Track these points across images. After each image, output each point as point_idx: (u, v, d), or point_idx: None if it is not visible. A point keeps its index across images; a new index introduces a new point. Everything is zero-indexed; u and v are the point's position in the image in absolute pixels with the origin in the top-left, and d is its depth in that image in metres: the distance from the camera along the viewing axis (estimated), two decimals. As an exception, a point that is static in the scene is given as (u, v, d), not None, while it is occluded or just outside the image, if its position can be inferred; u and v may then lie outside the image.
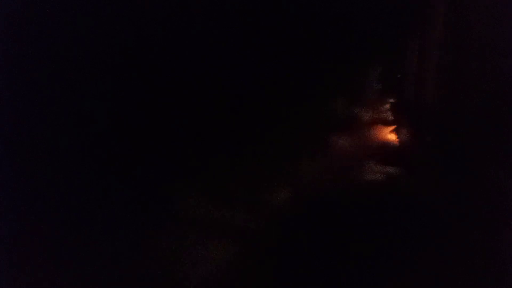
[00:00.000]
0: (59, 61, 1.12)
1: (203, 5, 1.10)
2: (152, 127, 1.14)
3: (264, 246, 1.17)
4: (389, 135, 1.18)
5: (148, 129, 1.14)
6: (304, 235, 1.16)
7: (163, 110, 1.14)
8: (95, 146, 1.15)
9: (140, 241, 1.16)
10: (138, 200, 1.16)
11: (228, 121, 1.14)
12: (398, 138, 1.18)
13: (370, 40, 1.14)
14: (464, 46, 1.11)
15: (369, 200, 1.16)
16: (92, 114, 1.14)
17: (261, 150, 1.16)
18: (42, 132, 1.13)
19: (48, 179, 1.14)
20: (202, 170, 1.16)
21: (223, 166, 1.16)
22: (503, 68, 1.09)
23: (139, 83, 1.13)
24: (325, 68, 1.14)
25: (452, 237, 1.14)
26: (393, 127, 1.18)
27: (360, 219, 1.16)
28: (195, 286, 1.16)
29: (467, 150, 1.13)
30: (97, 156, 1.15)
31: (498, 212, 1.12)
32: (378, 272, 1.15)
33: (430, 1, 1.13)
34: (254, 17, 1.11)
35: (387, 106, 1.17)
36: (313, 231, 1.16)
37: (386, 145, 1.18)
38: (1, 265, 1.16)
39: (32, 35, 1.11)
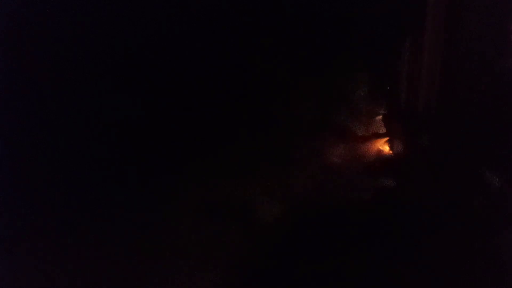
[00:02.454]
0: (59, 61, 1.12)
1: (203, 5, 1.10)
2: (153, 128, 1.14)
3: (256, 256, 1.17)
4: (384, 140, 1.16)
5: (148, 129, 1.14)
6: (296, 246, 1.16)
7: (164, 110, 1.14)
8: (95, 146, 1.15)
9: (139, 242, 1.16)
10: (138, 200, 1.16)
11: (223, 129, 1.14)
12: (393, 142, 1.16)
13: (364, 41, 1.13)
14: (463, 46, 1.11)
15: (367, 203, 1.16)
16: (92, 114, 1.14)
17: (251, 160, 1.15)
18: (42, 132, 1.13)
19: (48, 179, 1.14)
20: (196, 174, 1.16)
21: (214, 173, 1.15)
22: (502, 68, 1.09)
23: (139, 83, 1.13)
24: (315, 71, 1.13)
25: (452, 237, 1.14)
26: (387, 132, 1.15)
27: (358, 221, 1.16)
28: None
29: (467, 150, 1.13)
30: (97, 156, 1.15)
31: (498, 212, 1.12)
32: (378, 273, 1.15)
33: (429, 1, 1.12)
34: (253, 17, 1.11)
35: (381, 109, 1.14)
36: (305, 243, 1.16)
37: (381, 151, 1.16)
38: (1, 265, 1.16)
39: (32, 35, 1.11)
